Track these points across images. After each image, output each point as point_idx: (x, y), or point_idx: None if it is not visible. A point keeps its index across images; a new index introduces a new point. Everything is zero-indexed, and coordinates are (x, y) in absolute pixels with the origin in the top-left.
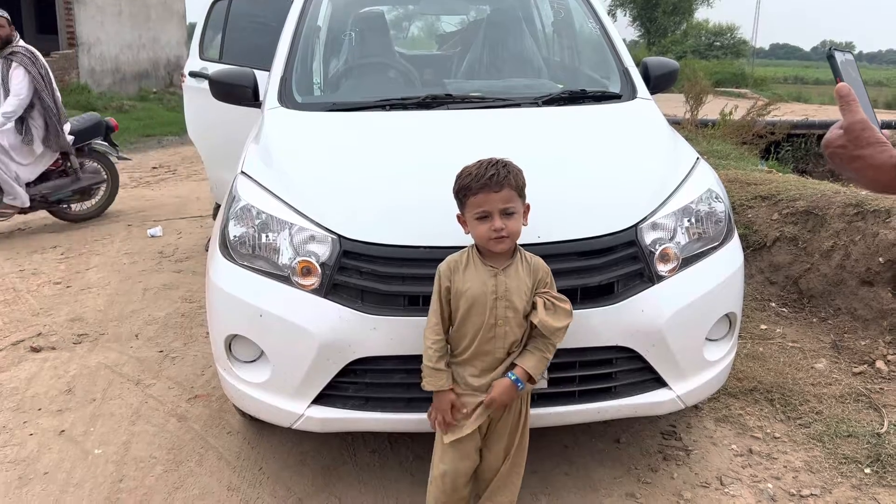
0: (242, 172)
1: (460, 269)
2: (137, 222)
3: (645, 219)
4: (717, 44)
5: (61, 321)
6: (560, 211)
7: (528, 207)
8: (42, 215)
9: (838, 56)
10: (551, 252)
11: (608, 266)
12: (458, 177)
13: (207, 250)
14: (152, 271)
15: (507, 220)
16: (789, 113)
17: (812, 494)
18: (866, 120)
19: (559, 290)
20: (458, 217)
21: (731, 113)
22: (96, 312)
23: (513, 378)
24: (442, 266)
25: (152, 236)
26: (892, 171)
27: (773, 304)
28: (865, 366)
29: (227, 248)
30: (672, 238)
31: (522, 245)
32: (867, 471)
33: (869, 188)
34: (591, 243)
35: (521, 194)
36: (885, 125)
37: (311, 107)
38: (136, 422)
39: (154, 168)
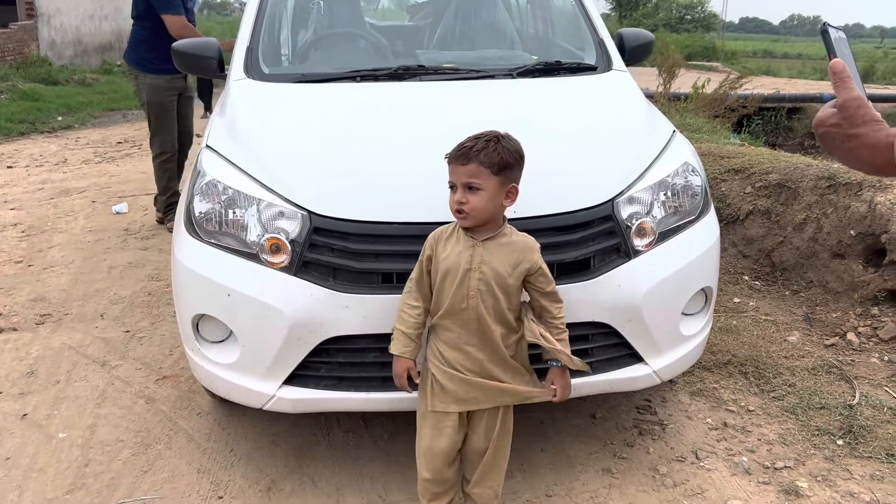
0: (207, 146)
1: (443, 239)
2: (102, 199)
3: (621, 193)
4: (688, 17)
5: (23, 301)
6: (535, 185)
7: (514, 189)
8: (5, 199)
9: (832, 32)
10: (528, 227)
11: (584, 241)
12: None
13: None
14: (117, 249)
15: (470, 196)
16: (760, 86)
17: (786, 467)
18: (862, 97)
19: None
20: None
21: (703, 86)
22: (60, 292)
23: (558, 366)
24: (430, 235)
25: (117, 213)
26: (889, 151)
27: (746, 278)
28: (837, 338)
29: (192, 225)
30: (648, 212)
31: None
32: (840, 442)
33: (863, 169)
34: (567, 218)
35: (498, 172)
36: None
37: (278, 78)
38: (101, 404)
39: (119, 143)
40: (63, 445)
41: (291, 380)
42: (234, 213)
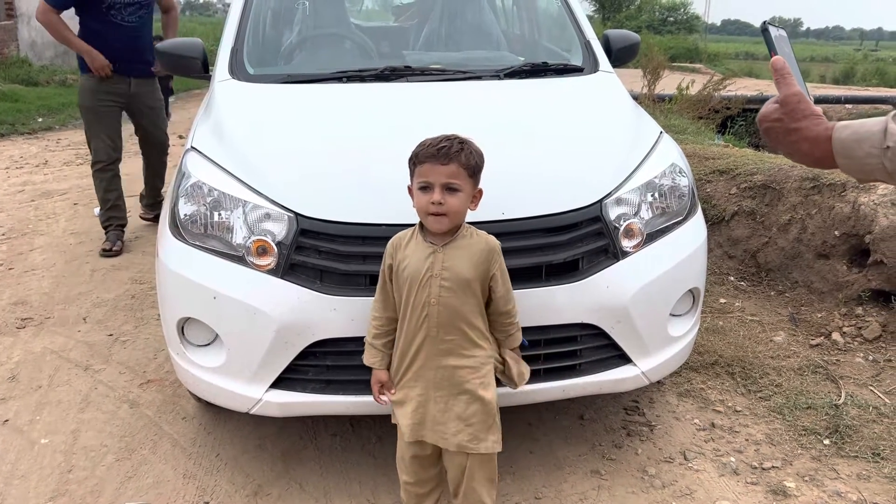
0: (192, 148)
1: (402, 246)
2: (84, 201)
3: (609, 194)
4: (671, 19)
5: (3, 305)
6: (524, 187)
7: (480, 193)
8: None
9: (772, 31)
10: (515, 229)
11: (573, 242)
12: (416, 146)
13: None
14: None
15: (449, 197)
16: (742, 88)
17: (773, 467)
18: (802, 93)
19: (524, 268)
20: (408, 187)
21: (687, 88)
22: (41, 295)
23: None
24: (388, 243)
25: (99, 215)
26: (827, 144)
27: (732, 278)
28: (822, 338)
29: (177, 227)
30: (636, 213)
31: (486, 221)
32: (826, 442)
33: (803, 162)
34: (556, 219)
35: (473, 175)
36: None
37: (264, 79)
38: (85, 409)
39: None
40: (46, 451)
41: (278, 383)
42: (219, 215)
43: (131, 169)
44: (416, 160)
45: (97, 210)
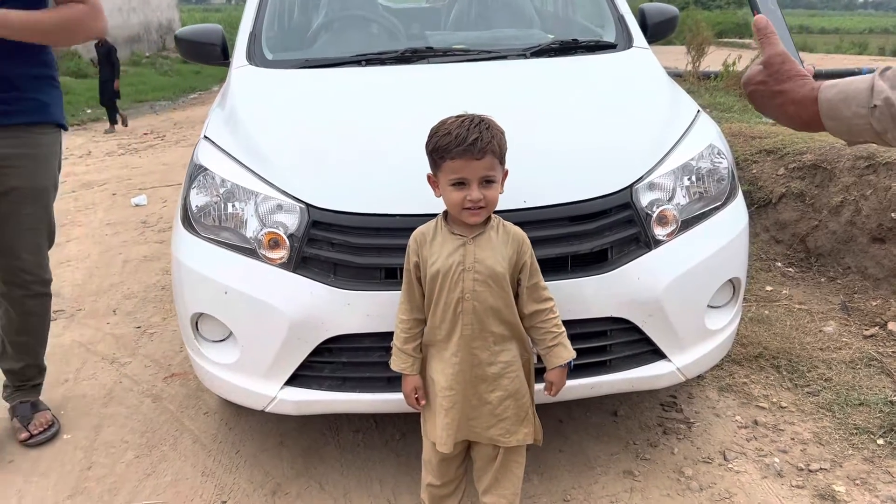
0: (205, 137)
1: (428, 241)
2: (122, 191)
3: (641, 179)
4: None
5: None
6: (548, 172)
7: (506, 173)
8: None
9: None
10: (539, 217)
11: (601, 231)
12: (434, 133)
13: None
14: (134, 242)
15: (486, 190)
16: None
17: (821, 469)
18: (786, 53)
19: (548, 259)
20: (428, 178)
21: (734, 64)
22: (74, 287)
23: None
24: (411, 239)
25: (137, 205)
26: (814, 105)
27: (779, 264)
28: (877, 328)
29: (189, 220)
30: (671, 199)
31: (507, 210)
32: (880, 442)
33: (791, 125)
34: (582, 207)
35: (502, 160)
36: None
37: (281, 64)
38: (108, 404)
39: (144, 134)
40: (67, 447)
41: (293, 380)
42: (231, 206)
43: (168, 158)
44: (443, 154)
45: (134, 200)
